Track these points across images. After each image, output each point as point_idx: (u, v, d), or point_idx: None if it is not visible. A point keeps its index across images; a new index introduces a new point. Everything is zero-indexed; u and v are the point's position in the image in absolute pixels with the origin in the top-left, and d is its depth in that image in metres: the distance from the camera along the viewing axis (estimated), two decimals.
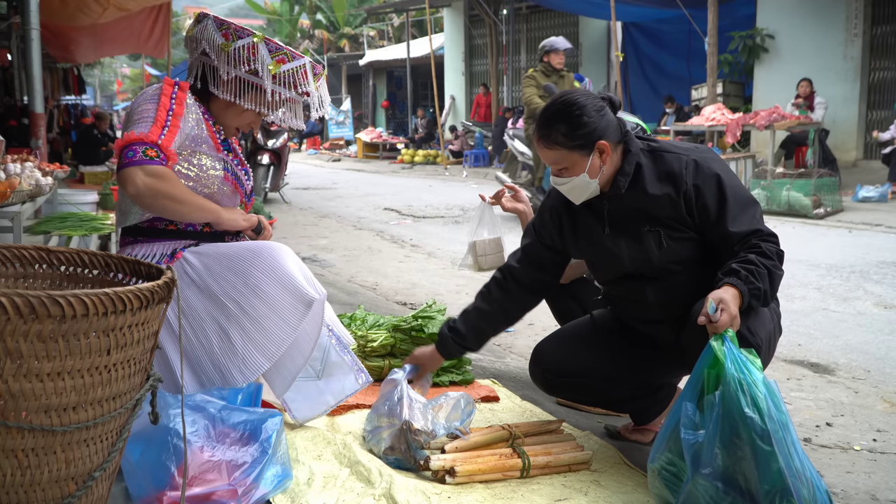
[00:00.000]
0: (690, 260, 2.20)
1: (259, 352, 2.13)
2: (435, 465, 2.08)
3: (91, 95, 37.73)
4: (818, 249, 6.82)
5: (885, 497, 2.48)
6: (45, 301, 1.32)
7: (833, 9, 12.58)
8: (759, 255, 2.02)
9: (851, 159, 12.64)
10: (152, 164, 2.09)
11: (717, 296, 1.92)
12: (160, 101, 2.19)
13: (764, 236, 2.08)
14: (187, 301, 2.16)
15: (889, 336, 4.29)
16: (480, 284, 2.61)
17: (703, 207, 2.14)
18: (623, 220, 2.26)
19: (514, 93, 19.02)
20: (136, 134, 2.11)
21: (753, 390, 1.76)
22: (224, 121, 2.38)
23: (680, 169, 2.17)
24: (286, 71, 2.29)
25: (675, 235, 2.19)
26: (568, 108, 2.18)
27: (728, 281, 1.97)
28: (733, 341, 1.84)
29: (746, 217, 2.11)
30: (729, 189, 2.13)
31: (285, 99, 2.36)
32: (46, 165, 5.58)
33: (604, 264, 2.37)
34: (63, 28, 10.56)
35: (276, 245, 2.24)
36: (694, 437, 1.80)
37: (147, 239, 2.28)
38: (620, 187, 2.22)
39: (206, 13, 2.35)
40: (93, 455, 1.49)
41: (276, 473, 1.90)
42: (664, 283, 2.23)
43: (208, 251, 2.24)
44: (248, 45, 2.27)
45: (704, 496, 1.77)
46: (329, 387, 2.41)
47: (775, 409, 1.76)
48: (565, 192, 2.29)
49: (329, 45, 28.15)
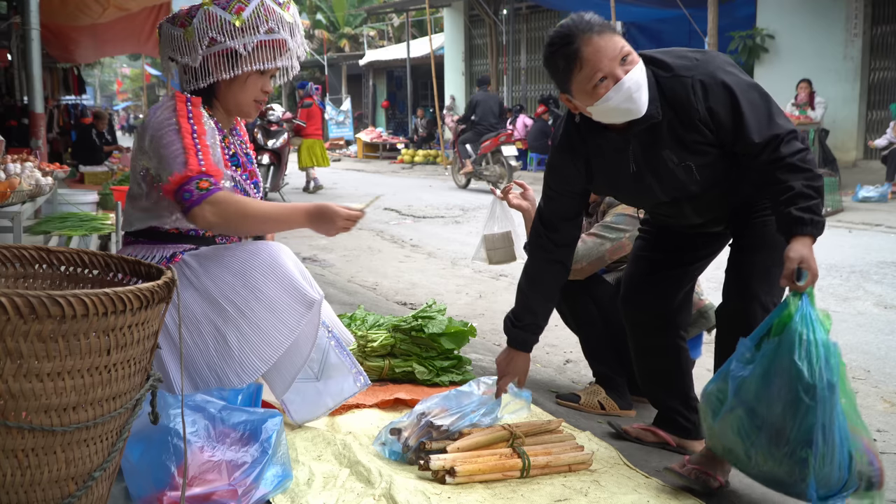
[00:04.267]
0: (725, 173, 2.16)
1: (256, 355, 2.12)
2: (435, 465, 2.08)
3: (91, 95, 37.74)
4: (818, 249, 6.78)
5: (885, 497, 2.48)
6: (45, 301, 1.32)
7: (833, 9, 12.58)
8: (801, 178, 1.97)
9: (851, 159, 12.64)
10: (210, 194, 2.08)
11: (797, 255, 1.92)
12: (181, 127, 2.13)
13: (786, 139, 2.02)
14: (184, 303, 2.14)
15: (889, 336, 4.29)
16: (480, 285, 2.61)
17: (720, 125, 2.07)
18: (649, 157, 2.17)
19: (515, 93, 19.03)
20: (181, 174, 2.08)
21: (811, 347, 1.83)
22: (238, 102, 2.29)
23: (688, 95, 2.06)
24: (249, 16, 2.19)
25: (705, 162, 2.13)
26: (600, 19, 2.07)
27: (799, 232, 1.95)
28: (810, 297, 1.89)
29: (764, 121, 2.04)
30: (742, 97, 2.04)
31: (260, 42, 2.21)
32: (46, 165, 5.57)
33: (636, 199, 2.37)
34: (63, 28, 10.56)
35: (276, 245, 2.23)
36: (742, 371, 1.91)
37: (148, 241, 2.26)
38: (654, 115, 2.08)
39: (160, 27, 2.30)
40: (93, 455, 1.49)
41: (276, 474, 1.90)
42: (702, 200, 2.23)
43: (207, 253, 2.22)
44: (203, 16, 2.19)
45: (735, 424, 1.92)
46: (328, 389, 2.40)
47: (826, 369, 1.83)
48: (621, 100, 2.03)
49: (329, 45, 28.13)
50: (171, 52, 2.26)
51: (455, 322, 3.06)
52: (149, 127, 2.19)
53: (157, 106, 2.23)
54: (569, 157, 2.29)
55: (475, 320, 4.28)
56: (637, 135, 2.14)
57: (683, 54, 2.14)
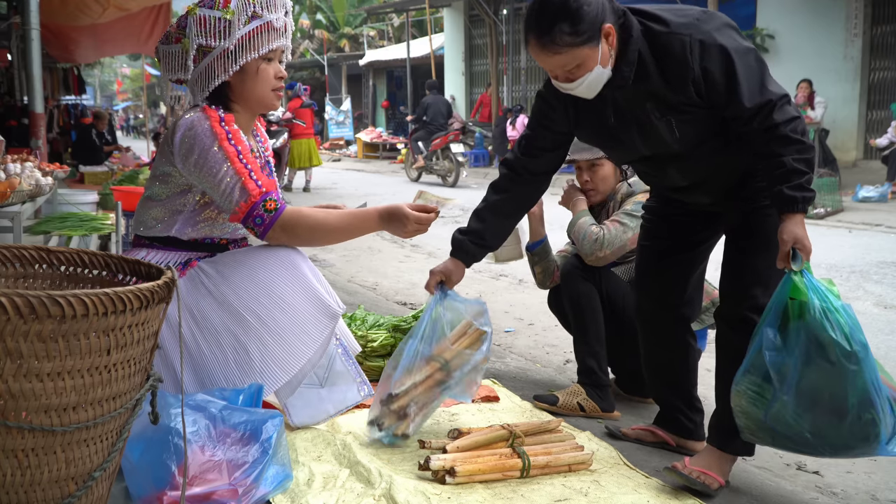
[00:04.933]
0: (708, 133, 2.14)
1: (278, 366, 2.09)
2: (435, 466, 2.08)
3: (91, 95, 37.73)
4: (818, 249, 6.78)
5: (885, 497, 2.48)
6: (45, 301, 1.32)
7: (833, 9, 12.58)
8: (793, 151, 1.97)
9: (851, 159, 12.64)
10: (279, 216, 2.11)
11: (790, 235, 1.95)
12: (226, 151, 2.09)
13: (779, 105, 2.00)
14: (202, 313, 2.11)
15: (889, 336, 4.29)
16: (480, 285, 2.61)
17: (713, 86, 2.02)
18: (630, 110, 2.16)
19: (515, 93, 19.02)
20: (246, 203, 2.09)
21: (836, 317, 1.90)
22: (257, 95, 2.23)
23: (684, 53, 2.02)
24: (236, 5, 2.14)
25: (686, 119, 2.10)
26: (564, 3, 1.98)
27: (790, 210, 1.97)
28: (808, 270, 1.95)
29: (756, 87, 2.01)
30: (738, 61, 2.01)
31: (252, 30, 2.16)
32: (46, 165, 5.57)
33: (615, 151, 2.37)
34: (63, 28, 10.56)
35: (295, 252, 2.19)
36: (779, 358, 1.95)
37: (162, 246, 2.23)
38: (626, 78, 2.08)
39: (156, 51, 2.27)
40: (93, 455, 1.49)
41: (277, 474, 1.90)
42: (685, 160, 2.20)
43: (225, 260, 2.19)
44: (193, 22, 2.14)
45: (790, 411, 1.95)
46: (331, 396, 2.40)
47: (857, 331, 1.92)
48: (580, 94, 2.11)
49: (329, 45, 28.14)
50: (173, 73, 2.22)
51: None
52: (194, 151, 2.11)
53: (191, 124, 2.13)
54: (555, 100, 2.28)
55: None
56: (617, 90, 2.12)
57: (684, 12, 2.11)
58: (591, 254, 2.81)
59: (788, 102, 2.02)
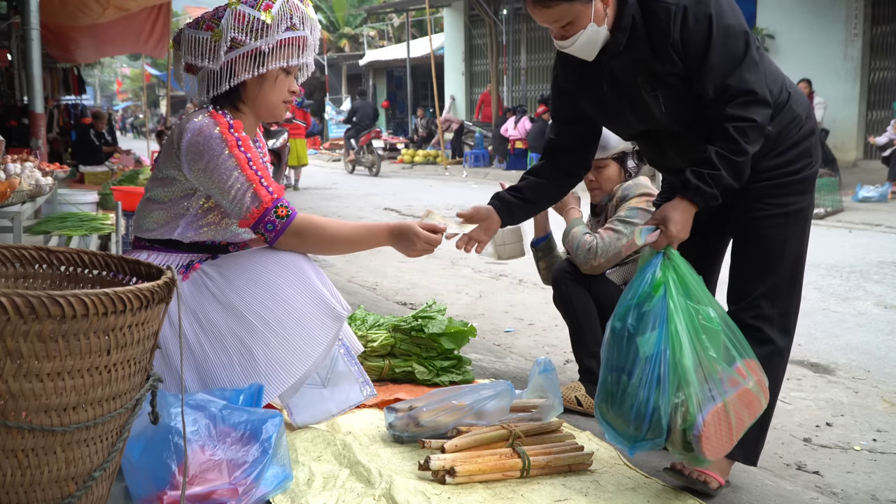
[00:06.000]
0: (696, 111, 2.10)
1: (283, 369, 2.09)
2: (435, 465, 2.08)
3: (91, 95, 37.76)
4: (818, 249, 6.82)
5: (885, 497, 2.48)
6: (45, 301, 1.32)
7: (833, 9, 12.59)
8: (723, 146, 1.96)
9: (851, 159, 12.65)
10: (290, 222, 2.11)
11: (662, 213, 2.01)
12: (236, 158, 2.08)
13: (740, 99, 1.96)
14: (207, 316, 2.10)
15: (889, 336, 4.29)
16: (480, 285, 2.61)
17: (688, 56, 2.00)
18: (622, 80, 2.14)
19: (515, 93, 19.03)
20: (257, 209, 2.09)
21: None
22: (269, 103, 2.23)
23: (667, 21, 1.99)
24: (277, 12, 2.13)
25: (672, 94, 2.09)
26: None
27: (680, 192, 2.01)
28: (674, 257, 2.01)
29: (727, 71, 1.98)
30: (717, 37, 1.97)
31: (284, 39, 2.16)
32: (46, 165, 5.58)
33: (612, 124, 2.35)
34: (63, 28, 10.57)
35: (301, 256, 2.18)
36: None
37: (163, 249, 2.22)
38: (619, 44, 2.07)
39: (180, 33, 2.24)
40: (93, 455, 1.49)
41: (277, 473, 1.90)
42: (680, 140, 2.19)
43: (228, 262, 2.18)
44: (231, 15, 2.13)
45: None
46: (333, 396, 2.40)
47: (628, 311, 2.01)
48: (575, 52, 2.11)
49: (329, 45, 28.15)
50: (193, 59, 2.18)
51: (455, 322, 3.06)
52: (203, 157, 2.09)
53: (199, 129, 2.11)
54: (563, 62, 2.30)
55: (475, 320, 4.29)
56: (613, 57, 2.12)
57: None
58: (585, 263, 2.81)
59: (756, 101, 1.97)
